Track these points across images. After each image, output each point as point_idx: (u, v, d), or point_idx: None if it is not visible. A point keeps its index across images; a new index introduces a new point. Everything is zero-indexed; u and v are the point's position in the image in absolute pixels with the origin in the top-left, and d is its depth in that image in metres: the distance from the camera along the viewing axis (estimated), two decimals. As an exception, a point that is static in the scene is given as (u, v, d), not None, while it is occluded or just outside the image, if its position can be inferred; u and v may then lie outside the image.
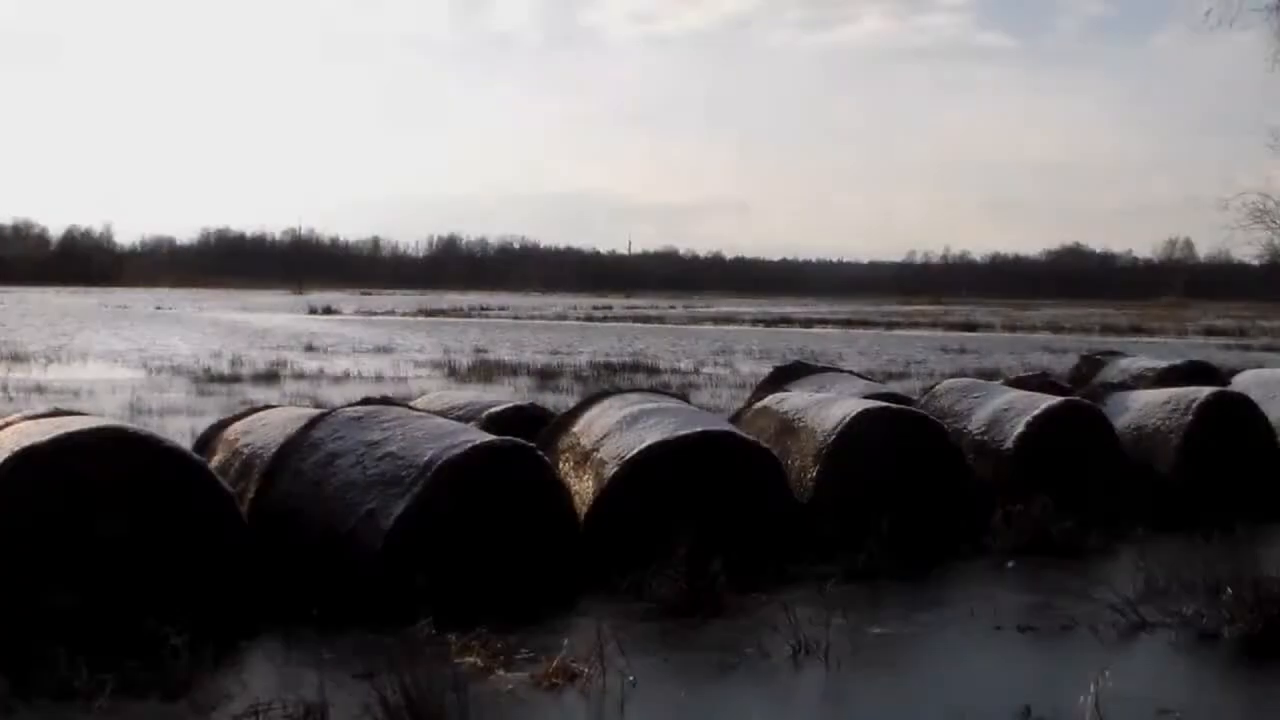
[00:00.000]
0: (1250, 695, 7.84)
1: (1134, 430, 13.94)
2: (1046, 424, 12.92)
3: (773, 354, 40.36)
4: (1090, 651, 8.29)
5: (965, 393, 14.09)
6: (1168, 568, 9.88)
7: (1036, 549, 11.28)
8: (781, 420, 12.30)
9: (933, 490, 11.89)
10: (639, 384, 24.63)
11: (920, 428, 12.20)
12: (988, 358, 40.17)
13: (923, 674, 8.09)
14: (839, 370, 17.84)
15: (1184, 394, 14.27)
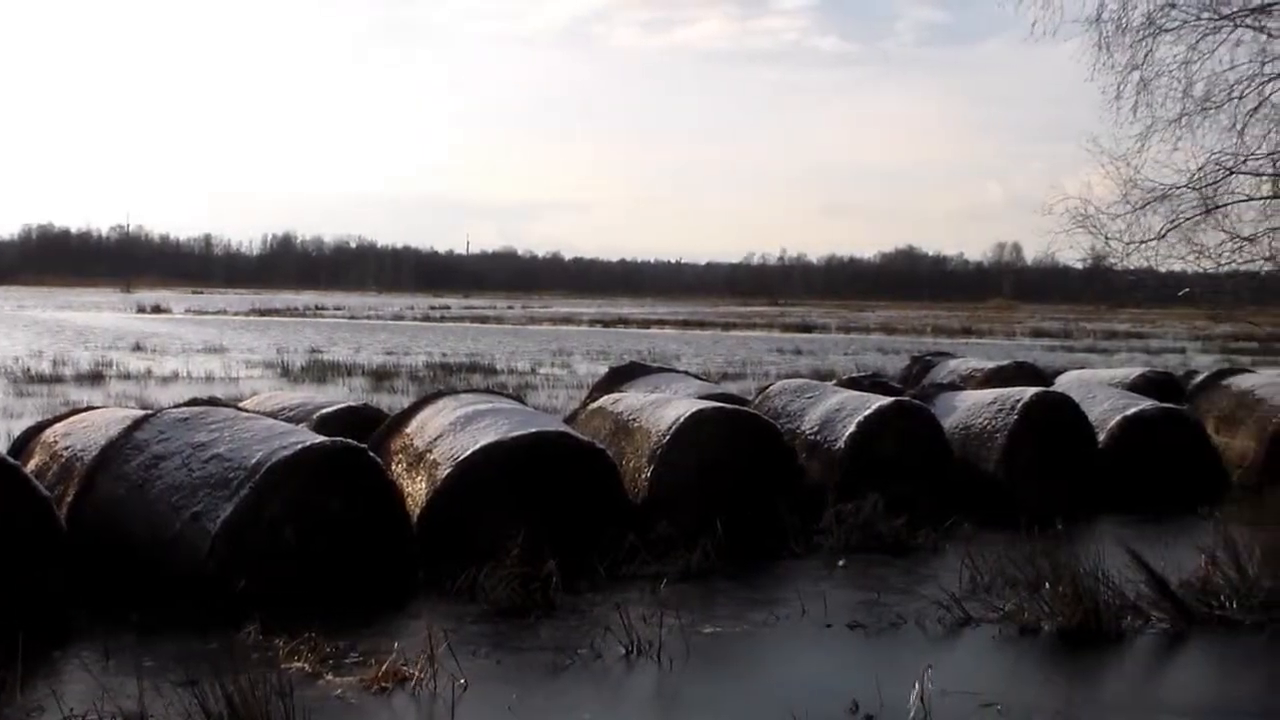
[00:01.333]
0: (1068, 685, 8.06)
1: (962, 430, 14.23)
2: (877, 424, 13.14)
3: (610, 354, 40.46)
4: (918, 647, 8.45)
5: (798, 393, 14.26)
6: (992, 564, 10.09)
7: (867, 547, 11.49)
8: (617, 421, 12.34)
9: (766, 490, 12.02)
10: (475, 384, 24.54)
11: (754, 428, 12.32)
12: (823, 358, 40.75)
13: (755, 672, 8.15)
14: (675, 371, 17.93)
15: (1009, 394, 14.61)
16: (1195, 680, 8.43)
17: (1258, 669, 8.54)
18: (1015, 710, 7.26)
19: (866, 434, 13.03)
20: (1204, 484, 14.70)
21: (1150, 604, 9.28)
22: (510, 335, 56.40)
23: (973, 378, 18.41)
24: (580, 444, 11.03)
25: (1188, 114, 15.26)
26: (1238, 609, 9.19)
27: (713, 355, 42.49)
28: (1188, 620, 9.15)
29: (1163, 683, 8.41)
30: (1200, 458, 15.31)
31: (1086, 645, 8.69)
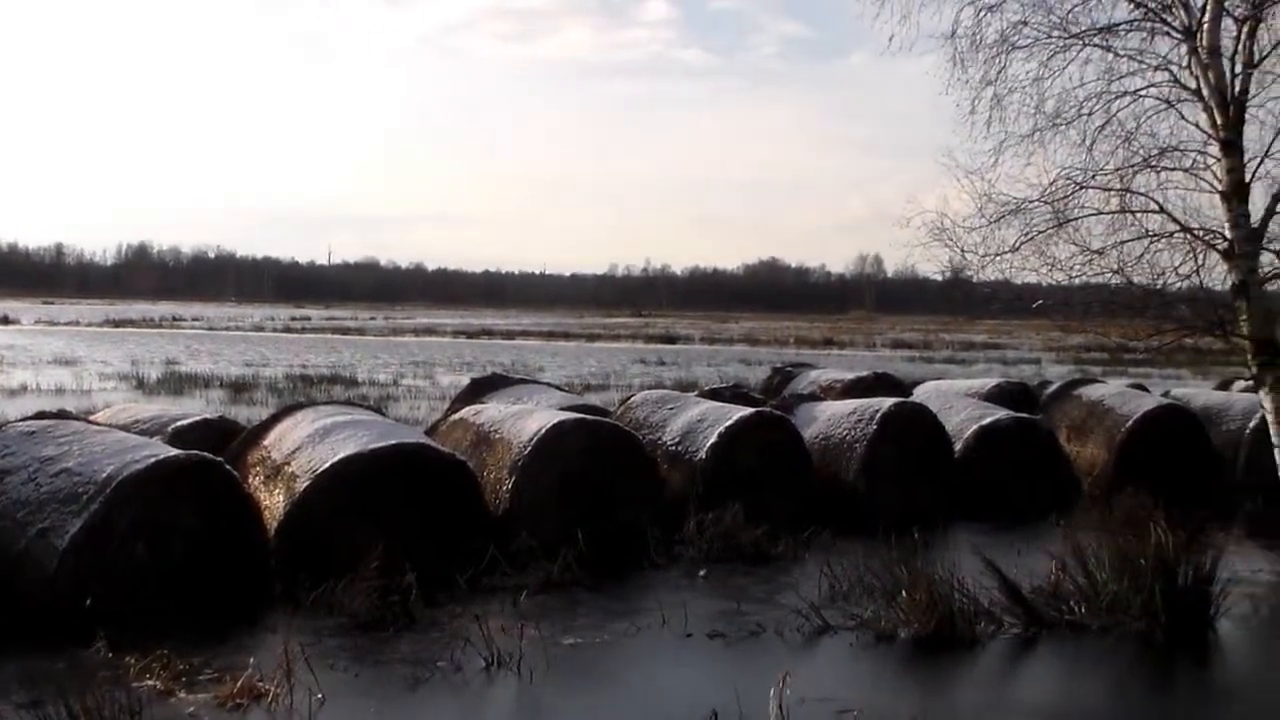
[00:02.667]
0: (923, 691, 8.19)
1: (822, 440, 14.38)
2: (738, 434, 13.23)
3: (474, 366, 40.25)
4: (777, 655, 8.52)
5: (660, 404, 14.31)
6: (851, 572, 10.22)
7: (728, 557, 11.57)
8: (478, 432, 12.28)
9: (628, 500, 12.03)
10: (336, 396, 24.21)
11: (615, 439, 12.33)
12: (686, 369, 40.94)
13: (615, 683, 8.17)
14: (537, 382, 17.93)
15: (868, 405, 14.80)
16: (1045, 683, 8.63)
17: (1104, 671, 8.74)
18: (871, 716, 7.36)
19: (728, 444, 13.11)
20: (1056, 492, 15.02)
21: (1003, 610, 9.48)
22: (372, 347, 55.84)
23: (833, 388, 18.61)
24: (440, 456, 10.96)
25: (1040, 130, 15.50)
26: (1086, 613, 9.43)
27: (577, 367, 42.49)
28: (1039, 625, 9.37)
29: (1014, 686, 8.59)
30: (1053, 466, 15.66)
31: (941, 651, 8.86)
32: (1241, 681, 8.86)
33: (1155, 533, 9.46)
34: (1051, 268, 15.64)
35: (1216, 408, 17.53)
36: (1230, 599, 9.65)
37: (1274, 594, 11.12)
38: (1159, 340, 16.00)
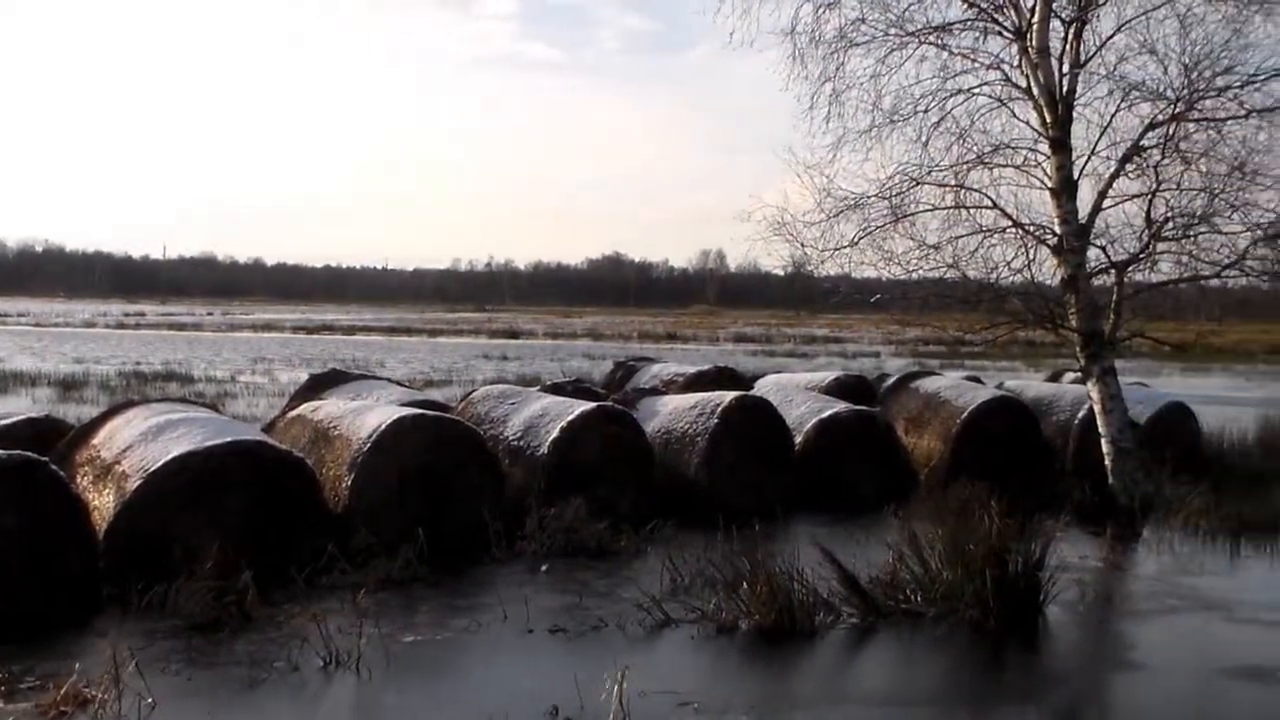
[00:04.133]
0: (762, 681, 8.27)
1: (664, 434, 14.43)
2: (580, 429, 13.20)
3: (314, 362, 39.70)
4: (618, 649, 8.53)
5: (502, 399, 14.24)
6: (692, 565, 10.30)
7: (570, 551, 11.55)
8: (316, 429, 12.10)
9: (469, 496, 11.94)
10: (171, 394, 23.70)
11: (456, 434, 12.22)
12: (529, 364, 40.83)
13: (455, 679, 8.10)
14: (377, 378, 17.73)
15: (710, 399, 14.88)
16: (881, 671, 8.76)
17: (938, 657, 8.92)
18: (711, 708, 7.40)
19: (569, 439, 13.08)
20: (894, 482, 15.24)
21: (841, 600, 9.61)
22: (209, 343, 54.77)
23: (675, 382, 18.69)
24: (278, 453, 10.77)
25: (878, 126, 15.82)
26: (922, 602, 9.60)
27: (419, 362, 42.13)
28: (876, 614, 9.52)
29: (851, 675, 8.71)
30: (891, 457, 15.89)
31: (781, 642, 8.95)
32: (1068, 665, 9.10)
33: (988, 522, 9.65)
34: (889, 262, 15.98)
35: (1047, 399, 17.96)
36: (1059, 585, 9.89)
37: (1100, 580, 11.44)
38: (993, 333, 16.41)
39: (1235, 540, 13.15)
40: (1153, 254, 15.61)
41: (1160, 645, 9.31)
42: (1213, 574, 11.81)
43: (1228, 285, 16.75)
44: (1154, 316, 17.29)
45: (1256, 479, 15.62)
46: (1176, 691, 8.28)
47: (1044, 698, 8.25)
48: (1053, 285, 15.80)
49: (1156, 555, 12.71)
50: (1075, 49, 15.24)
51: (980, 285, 15.68)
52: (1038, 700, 8.17)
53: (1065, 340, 16.07)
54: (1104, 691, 8.48)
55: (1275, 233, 15.34)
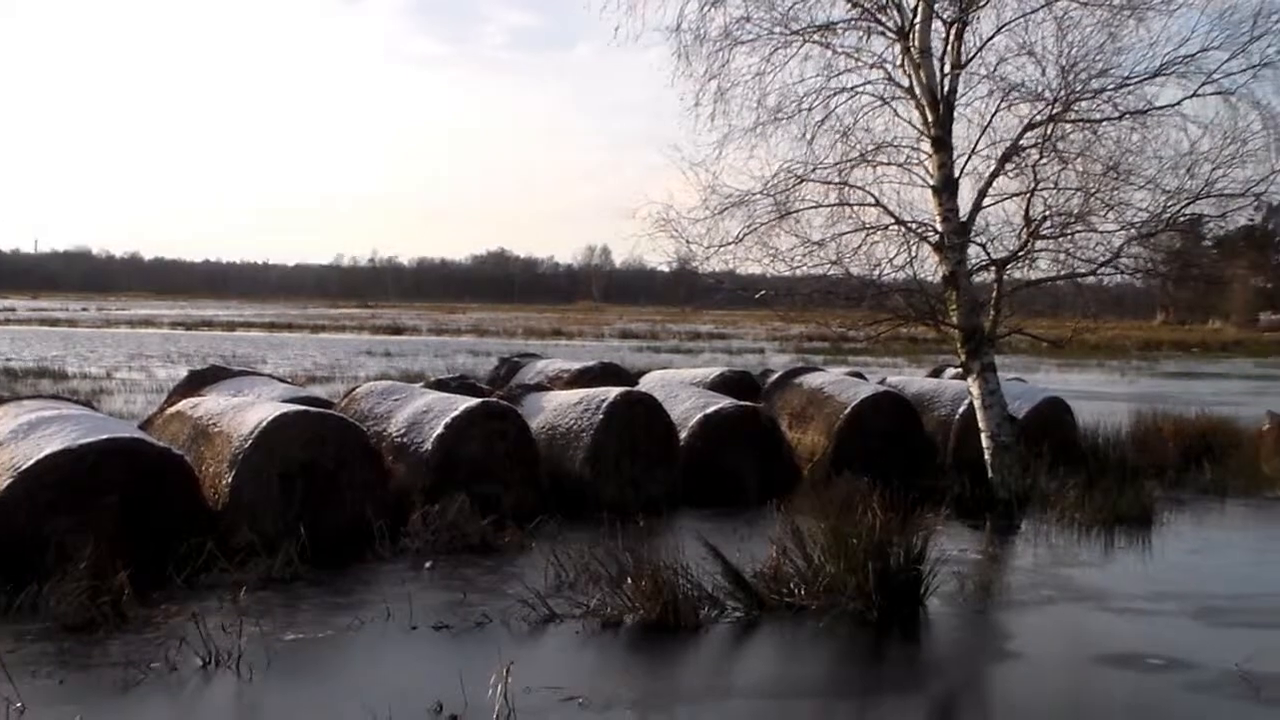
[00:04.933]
0: (647, 676, 8.27)
1: (548, 430, 14.40)
2: (464, 425, 13.13)
3: (193, 358, 39.04)
4: (503, 645, 8.47)
5: (385, 395, 14.12)
6: (577, 561, 10.27)
7: (455, 548, 11.49)
8: (196, 425, 11.90)
9: (352, 493, 11.83)
10: (43, 391, 23.19)
11: (339, 431, 12.09)
12: (413, 361, 40.48)
13: (338, 678, 8.00)
14: (258, 374, 17.50)
15: (594, 394, 14.87)
16: (765, 664, 8.82)
17: (821, 649, 8.98)
18: (596, 703, 7.40)
19: (453, 435, 13.01)
20: (779, 477, 15.35)
21: (726, 594, 9.66)
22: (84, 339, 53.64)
23: (560, 378, 18.66)
24: (156, 450, 10.58)
25: (762, 124, 15.92)
26: (805, 595, 9.68)
27: (301, 358, 41.64)
28: (760, 608, 9.59)
29: (735, 668, 8.74)
30: (775, 452, 16.00)
31: (666, 636, 8.98)
32: (948, 655, 9.23)
33: (870, 516, 9.76)
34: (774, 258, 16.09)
35: (929, 394, 18.20)
36: (939, 577, 10.05)
37: (979, 572, 11.62)
38: (876, 329, 16.60)
39: (1109, 532, 13.47)
40: (1031, 251, 15.90)
41: (1037, 635, 9.48)
42: (1087, 565, 12.07)
43: (1103, 282, 17.11)
44: (1032, 313, 17.62)
45: (1129, 472, 15.96)
46: (1052, 680, 8.45)
47: (924, 688, 8.37)
48: (934, 282, 16.02)
49: (1034, 547, 12.96)
50: (956, 50, 15.47)
51: (863, 282, 15.85)
52: (918, 691, 8.28)
53: (946, 336, 16.30)
54: (982, 681, 8.63)
55: (1148, 232, 15.71)
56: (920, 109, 15.46)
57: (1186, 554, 12.83)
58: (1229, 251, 19.73)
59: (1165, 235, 16.27)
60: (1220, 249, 19.66)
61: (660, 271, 66.21)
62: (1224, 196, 15.46)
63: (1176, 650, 8.91)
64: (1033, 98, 15.48)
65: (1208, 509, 15.46)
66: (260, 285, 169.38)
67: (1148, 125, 15.23)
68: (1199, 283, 19.48)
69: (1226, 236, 18.90)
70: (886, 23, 15.54)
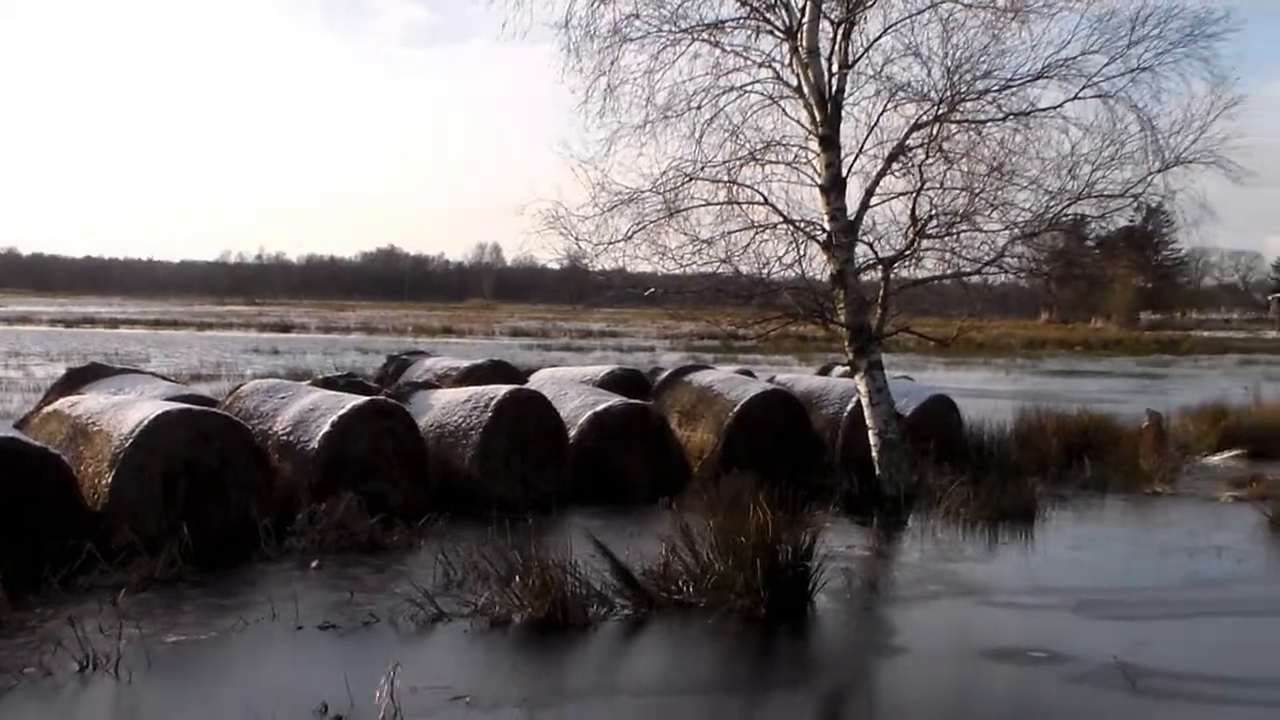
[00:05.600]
0: (535, 674, 8.23)
1: (437, 428, 14.30)
2: (351, 423, 13.00)
3: (73, 356, 38.22)
4: (390, 645, 8.43)
5: (271, 393, 13.94)
6: (465, 559, 10.20)
7: (342, 547, 11.38)
8: (75, 424, 11.66)
9: (237, 492, 11.67)
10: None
11: (223, 429, 11.91)
12: (300, 359, 40.03)
13: (221, 680, 7.86)
14: (140, 372, 17.19)
15: (483, 392, 14.79)
16: (653, 661, 8.83)
17: (710, 646, 9.01)
18: (483, 702, 7.36)
19: (341, 433, 12.87)
20: (668, 475, 15.40)
21: (615, 592, 9.65)
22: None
23: (449, 376, 18.54)
24: (31, 449, 10.35)
25: (651, 121, 15.94)
26: (694, 592, 9.71)
27: (185, 356, 40.97)
28: (649, 605, 9.59)
29: (624, 666, 8.74)
30: (665, 450, 16.04)
31: (554, 634, 8.95)
32: (835, 651, 9.31)
33: (758, 513, 9.80)
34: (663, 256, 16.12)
35: (817, 392, 18.34)
36: (827, 574, 10.13)
37: (866, 568, 11.71)
38: (764, 327, 16.69)
39: (993, 527, 13.67)
40: (917, 251, 16.07)
41: (922, 630, 9.58)
42: (972, 560, 12.23)
43: (988, 282, 17.36)
44: (919, 312, 17.82)
45: (1013, 469, 16.21)
46: (937, 674, 8.55)
47: (812, 684, 8.42)
48: (822, 281, 16.14)
49: (920, 543, 13.10)
50: (844, 50, 15.60)
51: (752, 280, 15.93)
52: (806, 686, 8.33)
53: (834, 335, 16.43)
54: (869, 676, 8.71)
55: (1031, 231, 15.97)
56: (808, 108, 15.56)
57: (1068, 549, 13.04)
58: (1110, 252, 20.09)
59: (1048, 235, 16.56)
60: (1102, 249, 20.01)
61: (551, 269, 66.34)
62: (1104, 197, 15.77)
63: (1057, 643, 9.06)
64: (919, 98, 15.67)
65: (1089, 504, 15.74)
66: (145, 282, 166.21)
67: (1030, 127, 15.49)
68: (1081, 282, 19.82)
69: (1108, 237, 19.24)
70: (775, 22, 15.63)
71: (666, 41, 15.81)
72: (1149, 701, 7.92)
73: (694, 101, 15.88)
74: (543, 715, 7.38)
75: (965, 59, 15.41)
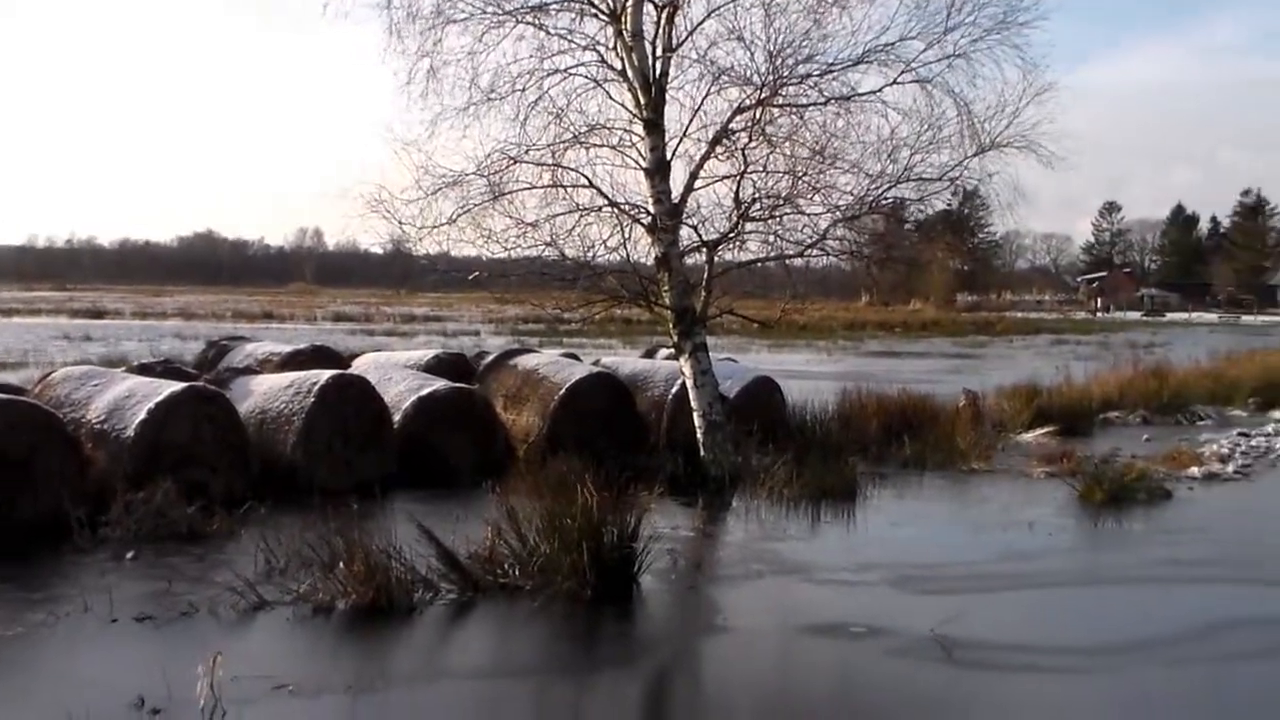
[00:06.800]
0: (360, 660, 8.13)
1: (259, 414, 14.06)
2: (169, 410, 12.71)
3: None
4: (211, 635, 8.26)
5: (84, 380, 13.55)
6: (288, 546, 10.06)
7: (159, 536, 11.11)
8: (-127, 413, 11.20)
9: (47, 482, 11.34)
10: None
11: (32, 417, 11.56)
12: (116, 345, 38.89)
13: (30, 676, 7.62)
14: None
15: (306, 377, 14.58)
16: (479, 645, 8.81)
17: (536, 629, 9.03)
18: (307, 689, 7.27)
19: (158, 420, 12.57)
20: (494, 459, 15.34)
21: (440, 576, 9.60)
22: None
23: (270, 361, 18.24)
24: None
25: (475, 104, 15.81)
26: (520, 575, 9.70)
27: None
28: (475, 589, 9.55)
29: (450, 649, 8.70)
30: (491, 434, 15.97)
31: (379, 620, 8.89)
32: (661, 631, 9.39)
33: (584, 496, 9.82)
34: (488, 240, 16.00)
35: (643, 374, 18.41)
36: (652, 555, 10.19)
37: (692, 548, 11.81)
38: (590, 310, 16.69)
39: (816, 506, 13.89)
40: (741, 233, 16.20)
41: (747, 608, 9.71)
42: (795, 539, 12.41)
43: (810, 264, 17.60)
44: (743, 294, 18.00)
45: (835, 448, 16.48)
46: (761, 650, 8.68)
47: (637, 664, 8.48)
48: (647, 264, 16.19)
49: (744, 523, 13.25)
50: (668, 34, 15.65)
51: (577, 263, 15.90)
52: (631, 666, 8.39)
53: (659, 317, 16.51)
54: (694, 655, 8.81)
55: (852, 215, 16.21)
56: (633, 92, 15.60)
57: (888, 526, 13.31)
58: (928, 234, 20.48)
59: (869, 218, 16.83)
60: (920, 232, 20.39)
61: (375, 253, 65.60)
62: (923, 180, 16.07)
63: (877, 618, 9.25)
64: (742, 82, 15.78)
65: (908, 482, 16.09)
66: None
67: (851, 111, 15.71)
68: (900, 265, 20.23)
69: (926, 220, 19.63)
70: (599, 5, 15.63)
71: (490, 23, 15.70)
72: (964, 672, 8.15)
73: (518, 84, 15.79)
74: (367, 701, 7.31)
75: (787, 43, 15.56)
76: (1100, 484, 14.67)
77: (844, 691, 7.97)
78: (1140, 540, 13.01)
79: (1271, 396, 27.17)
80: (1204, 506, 14.72)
